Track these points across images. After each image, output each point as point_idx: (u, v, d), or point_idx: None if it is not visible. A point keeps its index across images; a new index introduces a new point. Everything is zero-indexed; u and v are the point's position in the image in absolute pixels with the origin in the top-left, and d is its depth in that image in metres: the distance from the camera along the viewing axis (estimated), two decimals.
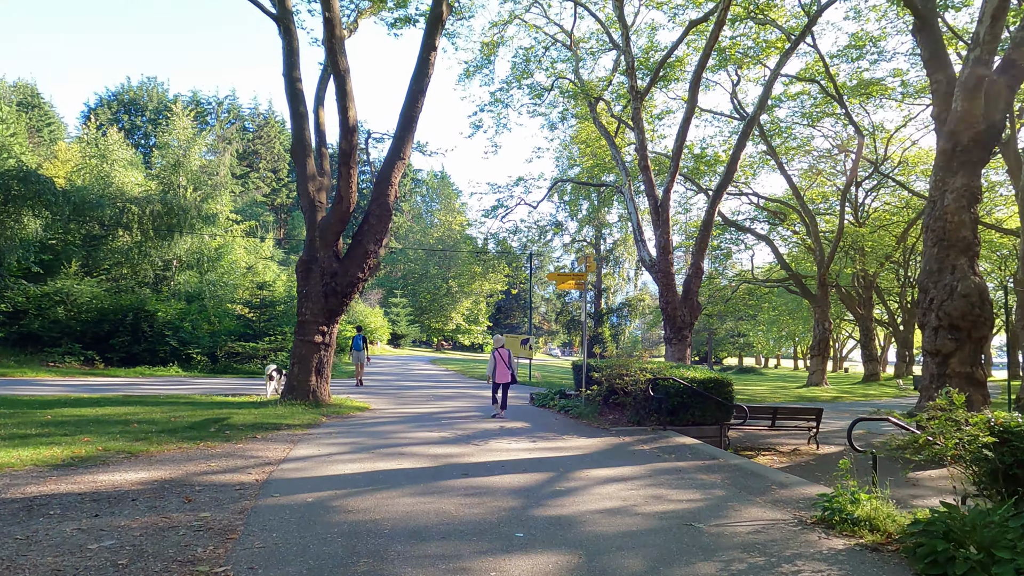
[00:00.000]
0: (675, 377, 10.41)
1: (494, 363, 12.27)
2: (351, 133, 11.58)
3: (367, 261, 12.52)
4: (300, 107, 13.35)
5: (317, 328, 12.45)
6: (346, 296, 12.56)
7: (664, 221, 22.11)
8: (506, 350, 12.44)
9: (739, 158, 22.36)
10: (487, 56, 27.72)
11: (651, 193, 22.41)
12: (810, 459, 10.69)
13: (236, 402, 12.62)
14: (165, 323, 19.56)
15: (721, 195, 22.51)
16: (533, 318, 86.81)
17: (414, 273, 69.45)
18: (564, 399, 14.33)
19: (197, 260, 28.01)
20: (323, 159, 14.08)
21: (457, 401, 15.26)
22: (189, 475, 6.53)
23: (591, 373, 12.17)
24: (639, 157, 22.55)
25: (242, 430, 9.35)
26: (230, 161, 64.82)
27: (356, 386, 20.15)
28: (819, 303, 33.12)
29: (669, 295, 22.25)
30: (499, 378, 12.24)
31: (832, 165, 38.09)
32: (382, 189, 12.55)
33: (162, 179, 28.21)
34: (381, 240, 12.69)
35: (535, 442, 9.28)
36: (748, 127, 22.24)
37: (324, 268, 12.43)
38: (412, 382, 21.20)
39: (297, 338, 12.60)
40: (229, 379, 18.58)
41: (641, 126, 22.53)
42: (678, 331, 22.28)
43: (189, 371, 19.16)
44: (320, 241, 12.48)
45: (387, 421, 11.19)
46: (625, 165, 25.59)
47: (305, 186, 13.20)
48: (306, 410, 11.61)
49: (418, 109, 12.82)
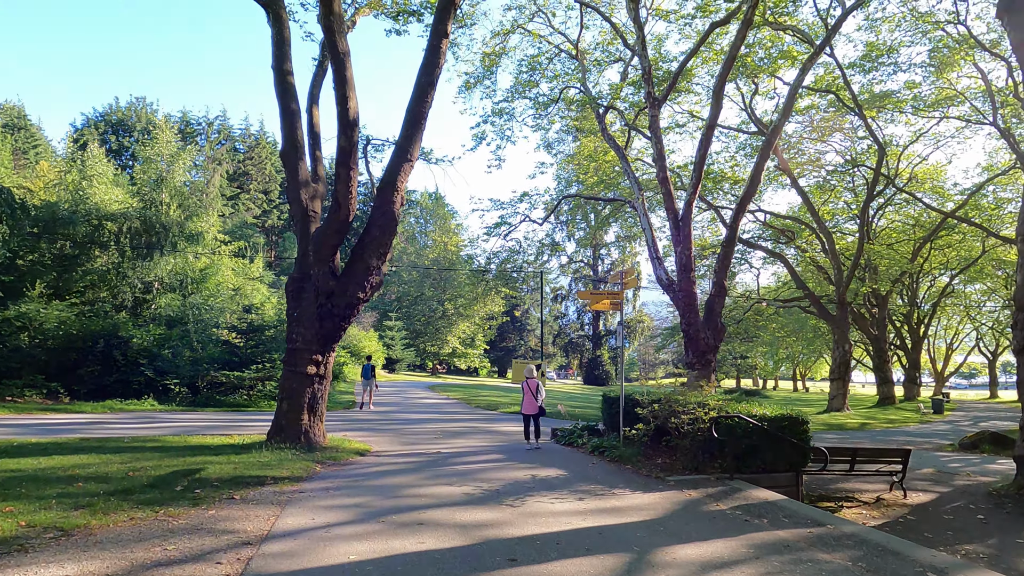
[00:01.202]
0: (742, 415, 8.65)
1: (522, 395, 12.14)
2: (351, 128, 9.88)
3: (369, 278, 10.76)
4: (291, 103, 11.69)
5: (310, 357, 10.63)
6: (344, 319, 10.78)
7: (686, 236, 20.48)
8: (534, 380, 12.11)
9: (763, 168, 20.86)
10: (489, 67, 26.35)
11: (670, 207, 20.81)
12: (905, 512, 8.91)
13: (215, 445, 10.73)
14: (140, 350, 17.62)
15: (745, 208, 20.96)
16: (529, 340, 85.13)
17: (409, 295, 67.60)
18: (593, 435, 12.53)
19: (180, 282, 26.11)
20: (317, 163, 12.38)
21: (470, 439, 13.40)
22: (136, 568, 4.70)
23: (635, 408, 10.39)
24: (657, 168, 21.00)
25: (217, 487, 7.50)
26: (220, 182, 63.22)
27: (360, 409, 21.32)
28: (838, 324, 31.54)
29: (691, 317, 20.55)
30: (526, 409, 12.07)
31: (843, 180, 36.81)
32: (386, 195, 10.84)
33: (143, 196, 26.40)
34: (385, 254, 10.94)
35: (582, 499, 7.47)
36: (772, 136, 20.77)
37: (319, 287, 10.66)
38: (414, 413, 19.32)
39: (286, 369, 10.77)
40: (211, 414, 16.64)
41: (659, 135, 21.01)
42: (701, 355, 20.55)
43: (166, 404, 17.21)
44: (314, 256, 10.72)
45: (395, 470, 9.34)
46: (637, 179, 24.07)
47: (297, 193, 11.48)
48: (297, 456, 9.75)
49: (427, 104, 11.18)
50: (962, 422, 30.30)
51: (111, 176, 28.81)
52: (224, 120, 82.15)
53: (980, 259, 38.22)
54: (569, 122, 31.25)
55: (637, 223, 55.90)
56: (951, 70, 27.72)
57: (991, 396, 62.06)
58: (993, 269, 41.96)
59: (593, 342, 76.32)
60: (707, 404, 9.00)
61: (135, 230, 21.34)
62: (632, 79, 24.48)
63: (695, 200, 20.45)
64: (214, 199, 50.05)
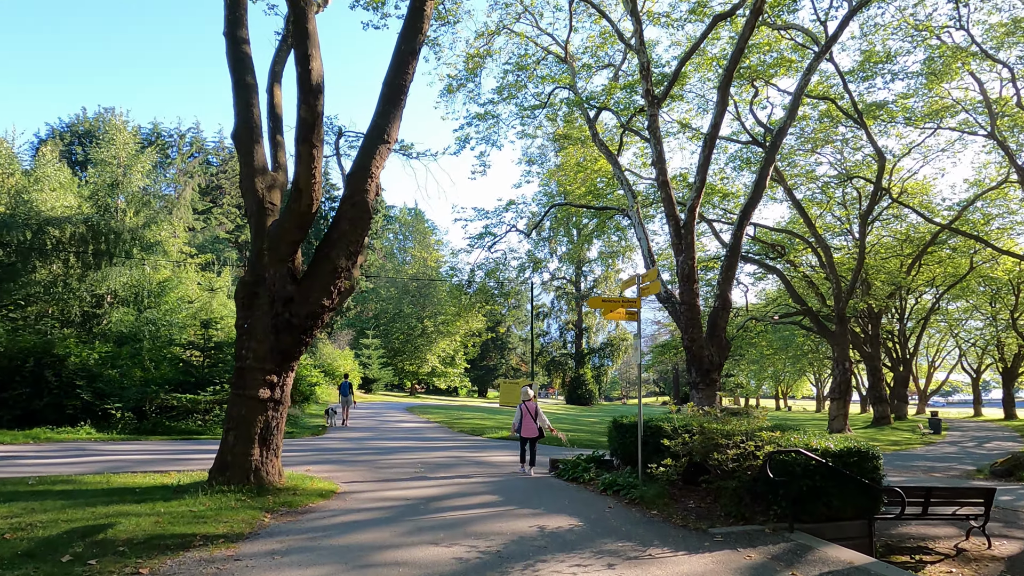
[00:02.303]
0: (801, 449, 6.92)
1: (520, 416, 11.59)
2: (314, 95, 8.06)
3: (336, 282, 8.88)
4: (246, 76, 9.85)
5: (263, 378, 8.69)
6: (305, 332, 8.87)
7: (688, 245, 18.92)
8: (533, 403, 11.65)
9: (768, 175, 19.49)
10: (472, 70, 24.80)
11: (671, 213, 19.27)
12: (1000, 568, 7.21)
13: (143, 487, 8.71)
14: (78, 370, 15.44)
15: (749, 216, 19.51)
16: (510, 359, 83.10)
17: (386, 313, 65.34)
18: (601, 468, 10.71)
19: (136, 295, 23.88)
20: (278, 149, 10.53)
21: (457, 472, 11.48)
22: None
23: (658, 439, 8.60)
24: (656, 172, 19.48)
25: (122, 554, 5.54)
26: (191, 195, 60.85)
27: (342, 424, 22.32)
28: (838, 340, 30.18)
29: (694, 332, 18.95)
30: (525, 432, 11.55)
31: (835, 194, 35.80)
32: (358, 182, 9.02)
33: (96, 200, 24.21)
34: (356, 253, 9.09)
35: (613, 567, 5.63)
36: (778, 137, 19.46)
37: (275, 292, 8.76)
38: (391, 440, 17.31)
39: (234, 393, 8.80)
40: (156, 443, 14.49)
41: (659, 135, 19.50)
42: (706, 374, 18.93)
43: (106, 432, 15.02)
44: (270, 255, 8.83)
45: (366, 520, 7.42)
46: (631, 186, 22.56)
47: (251, 182, 9.61)
48: (242, 502, 7.78)
49: (408, 77, 9.43)
50: (965, 443, 29.04)
51: (64, 181, 26.62)
52: (197, 132, 79.61)
53: (967, 275, 37.53)
54: (556, 130, 29.84)
55: (622, 239, 54.64)
56: (947, 79, 26.82)
57: (975, 414, 61.49)
58: (976, 286, 41.38)
59: (576, 360, 74.47)
60: (759, 435, 7.24)
61: (80, 236, 19.16)
62: (626, 83, 23.06)
63: (698, 205, 18.94)
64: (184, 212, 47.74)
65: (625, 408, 70.91)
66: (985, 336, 54.17)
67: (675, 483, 8.60)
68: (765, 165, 19.21)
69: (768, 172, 19.44)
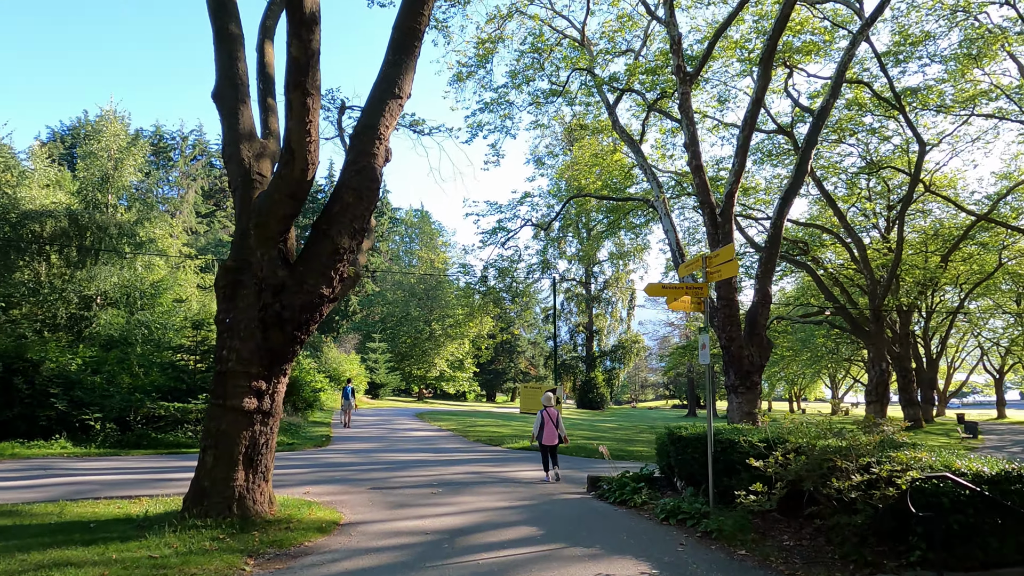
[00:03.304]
0: (950, 475, 5.23)
1: (540, 423, 11.21)
2: (308, 28, 6.38)
3: (337, 266, 7.24)
4: (230, 25, 8.26)
5: (248, 384, 7.06)
6: (300, 327, 7.23)
7: (726, 234, 17.25)
8: (555, 409, 11.27)
9: (810, 157, 17.85)
10: (483, 57, 23.25)
11: (706, 201, 17.62)
12: None
13: (101, 519, 7.08)
14: (53, 377, 13.86)
15: (791, 202, 17.84)
16: (519, 362, 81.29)
17: (393, 316, 63.71)
18: (654, 490, 9.04)
19: (127, 297, 22.33)
20: (269, 114, 8.94)
21: (481, 493, 9.80)
22: None
23: (734, 457, 6.94)
24: (689, 155, 17.82)
25: None
26: (194, 198, 59.52)
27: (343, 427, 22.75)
28: (874, 340, 28.40)
29: (732, 331, 17.29)
30: (546, 440, 11.15)
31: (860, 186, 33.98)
32: (365, 144, 7.40)
33: (84, 195, 22.69)
34: (362, 231, 7.45)
35: None
36: (820, 118, 17.77)
37: (263, 279, 7.13)
38: (402, 453, 15.64)
39: (213, 403, 7.17)
40: (136, 459, 12.88)
41: (691, 115, 17.85)
42: (745, 376, 17.26)
43: (84, 446, 13.40)
44: (256, 233, 7.21)
45: (377, 570, 5.77)
46: (656, 175, 20.92)
47: (236, 148, 8.01)
48: (220, 542, 6.14)
49: (422, 20, 7.81)
50: (1010, 447, 27.21)
51: (56, 178, 25.17)
52: (200, 135, 78.30)
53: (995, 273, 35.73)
54: (572, 121, 28.26)
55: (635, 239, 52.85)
56: (986, 62, 25.14)
57: (999, 416, 59.47)
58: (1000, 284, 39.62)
59: (587, 364, 72.66)
60: (894, 456, 5.54)
61: (62, 231, 17.61)
62: (655, 58, 21.47)
63: (737, 189, 17.28)
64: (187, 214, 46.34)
65: (638, 413, 68.98)
66: (1011, 336, 52.33)
67: (755, 511, 6.92)
68: (807, 147, 17.57)
69: (810, 155, 17.81)
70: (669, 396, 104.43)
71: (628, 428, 31.36)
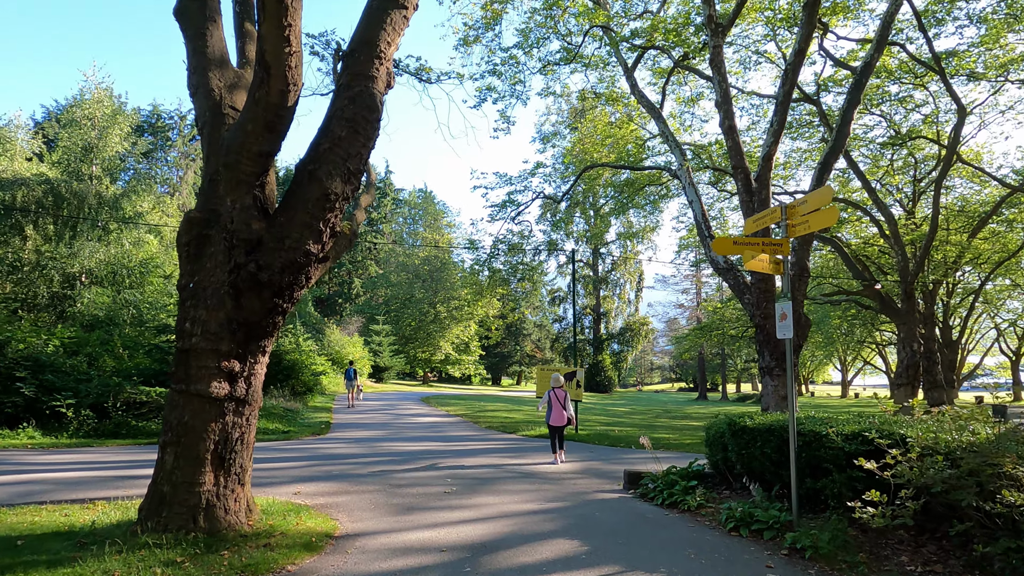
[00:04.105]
0: None
1: (548, 405, 11.17)
2: None
3: (327, 216, 5.74)
4: None
5: (218, 365, 5.61)
6: (281, 294, 5.74)
7: (763, 202, 15.74)
8: (562, 390, 11.17)
9: (851, 118, 16.28)
10: (491, 21, 21.58)
11: (740, 165, 16.10)
12: None
13: (39, 532, 5.68)
14: (20, 359, 12.50)
15: (831, 165, 16.31)
16: (525, 345, 79.92)
17: (397, 298, 62.27)
18: (708, 488, 7.63)
19: (113, 274, 20.92)
20: (246, 41, 7.38)
21: (502, 492, 8.39)
22: None
23: (820, 453, 5.50)
24: (721, 115, 16.24)
25: None
26: (193, 179, 57.94)
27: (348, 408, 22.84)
28: (905, 319, 26.90)
29: (768, 306, 15.86)
30: (554, 421, 11.05)
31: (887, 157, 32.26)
32: (361, 65, 5.89)
33: (66, 165, 21.20)
34: (358, 173, 5.94)
35: None
36: (863, 75, 16.22)
37: (233, 233, 5.65)
38: (409, 442, 14.25)
39: (174, 388, 5.73)
40: (111, 450, 11.51)
41: (723, 71, 16.25)
42: (782, 357, 15.84)
43: (56, 435, 12.08)
44: (226, 176, 5.72)
45: None
46: (678, 143, 19.33)
47: (203, 76, 6.49)
48: (177, 568, 4.74)
49: None
50: None
51: (37, 148, 23.71)
52: None
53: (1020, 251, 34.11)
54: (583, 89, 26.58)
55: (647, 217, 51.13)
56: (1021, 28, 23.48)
57: (1015, 399, 58.17)
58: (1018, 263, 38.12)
59: (594, 346, 71.31)
60: None
61: (37, 201, 16.16)
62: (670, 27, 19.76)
63: (776, 150, 15.72)
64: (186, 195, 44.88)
65: (645, 396, 67.74)
66: None
67: (853, 520, 5.48)
68: (848, 107, 16.02)
69: (852, 114, 16.21)
70: (675, 379, 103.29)
71: (642, 412, 30.03)
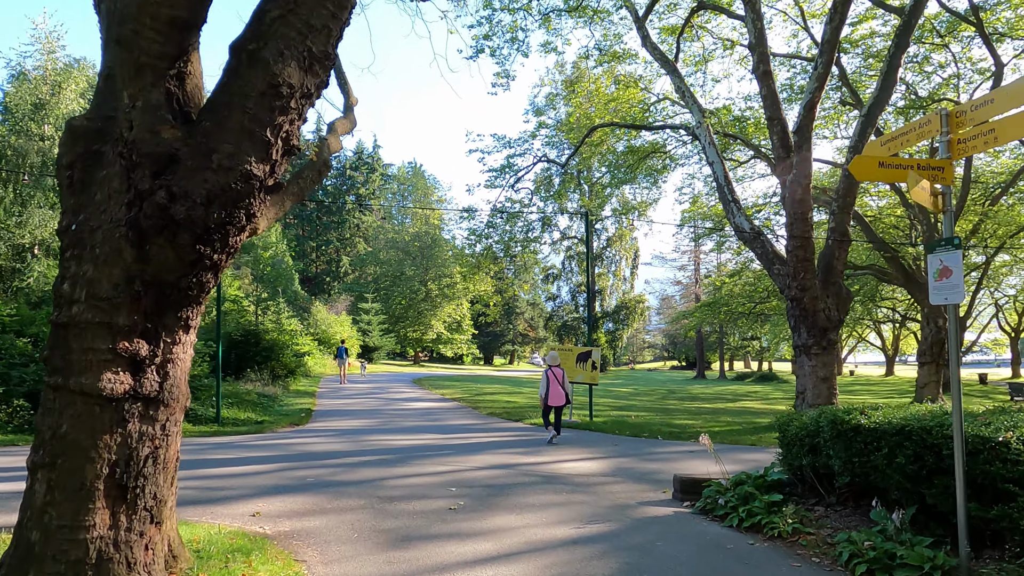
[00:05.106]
0: None
1: (547, 384, 10.91)
2: None
3: (277, 119, 3.78)
4: None
5: (112, 346, 3.69)
6: (208, 237, 3.77)
7: (803, 160, 13.86)
8: (560, 369, 11.09)
9: (899, 65, 14.43)
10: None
11: (776, 116, 14.21)
12: None
13: None
14: None
15: (876, 118, 14.48)
16: (518, 324, 78.24)
17: (387, 276, 60.19)
18: (795, 504, 5.82)
19: None
20: None
21: (524, 506, 6.56)
22: None
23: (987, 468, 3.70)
24: (755, 60, 14.28)
25: None
26: None
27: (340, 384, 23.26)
28: (927, 293, 25.29)
29: (806, 278, 14.10)
30: (552, 400, 10.86)
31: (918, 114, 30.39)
32: None
33: (13, 124, 18.96)
34: (324, 58, 3.96)
35: None
36: (913, 16, 14.27)
37: (134, 145, 3.69)
38: (402, 434, 12.41)
39: (47, 383, 3.83)
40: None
41: (758, 8, 14.24)
42: (821, 334, 14.15)
43: None
44: (122, 62, 3.75)
45: None
46: (697, 101, 17.37)
47: None
48: None
49: None
50: None
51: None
52: None
53: None
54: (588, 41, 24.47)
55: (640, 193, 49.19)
56: None
57: (1013, 375, 57.50)
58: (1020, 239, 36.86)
59: (589, 325, 69.79)
60: None
61: None
62: None
63: (820, 98, 13.83)
64: None
65: (640, 375, 66.41)
66: None
67: None
68: (896, 52, 14.16)
69: (900, 60, 14.35)
70: (668, 357, 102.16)
71: (647, 393, 28.43)
